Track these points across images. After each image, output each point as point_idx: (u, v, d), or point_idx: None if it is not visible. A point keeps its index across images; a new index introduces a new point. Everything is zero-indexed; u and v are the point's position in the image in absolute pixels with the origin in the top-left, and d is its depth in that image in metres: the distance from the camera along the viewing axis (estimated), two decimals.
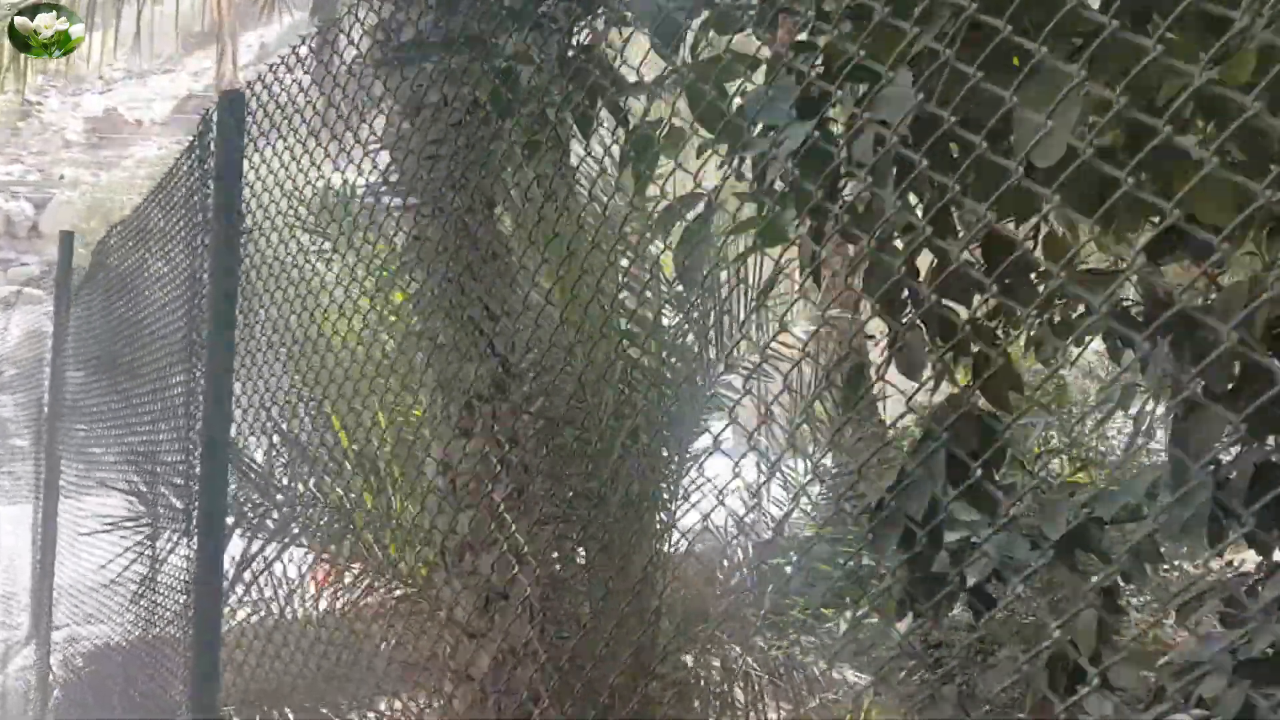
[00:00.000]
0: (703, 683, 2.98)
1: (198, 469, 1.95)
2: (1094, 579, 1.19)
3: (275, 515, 2.69)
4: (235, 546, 2.43)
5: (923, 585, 1.13)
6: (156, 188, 2.51)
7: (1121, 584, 1.30)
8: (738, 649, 2.93)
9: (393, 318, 2.46)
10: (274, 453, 2.58)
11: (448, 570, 2.36)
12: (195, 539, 1.90)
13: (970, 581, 1.17)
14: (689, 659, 2.98)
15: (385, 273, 2.35)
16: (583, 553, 2.76)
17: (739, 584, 2.96)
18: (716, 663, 2.95)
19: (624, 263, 2.89)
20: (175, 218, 2.37)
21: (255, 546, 2.51)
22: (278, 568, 2.51)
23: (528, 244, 2.25)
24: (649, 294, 2.89)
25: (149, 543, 2.60)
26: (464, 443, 2.37)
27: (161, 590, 2.39)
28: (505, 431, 2.40)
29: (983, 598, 1.24)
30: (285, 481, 2.63)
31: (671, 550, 2.86)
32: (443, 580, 2.38)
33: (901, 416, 1.14)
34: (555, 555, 2.59)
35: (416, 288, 2.33)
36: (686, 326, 2.90)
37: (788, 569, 2.64)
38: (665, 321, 2.95)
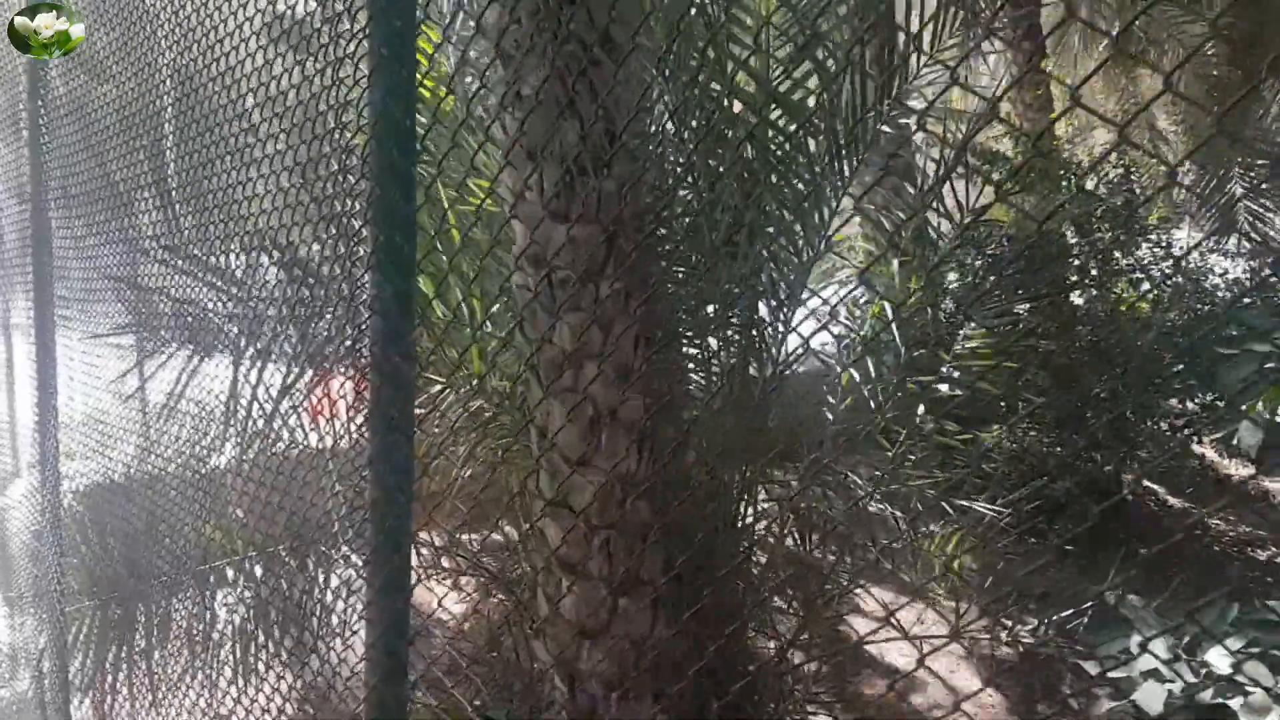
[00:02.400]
0: (807, 513, 2.68)
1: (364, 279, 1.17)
2: None
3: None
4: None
5: None
6: None
7: None
8: (849, 475, 2.59)
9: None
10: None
11: (543, 387, 1.93)
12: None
13: None
14: (793, 486, 2.65)
15: None
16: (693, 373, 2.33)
17: (859, 404, 2.56)
18: (822, 490, 2.63)
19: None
20: None
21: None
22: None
23: None
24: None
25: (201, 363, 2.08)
26: (561, 228, 1.85)
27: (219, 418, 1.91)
28: (609, 215, 1.87)
29: None
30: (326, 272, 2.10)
31: (782, 369, 2.43)
32: (537, 399, 1.96)
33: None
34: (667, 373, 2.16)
35: (499, 12, 1.70)
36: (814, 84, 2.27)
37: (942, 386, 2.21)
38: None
